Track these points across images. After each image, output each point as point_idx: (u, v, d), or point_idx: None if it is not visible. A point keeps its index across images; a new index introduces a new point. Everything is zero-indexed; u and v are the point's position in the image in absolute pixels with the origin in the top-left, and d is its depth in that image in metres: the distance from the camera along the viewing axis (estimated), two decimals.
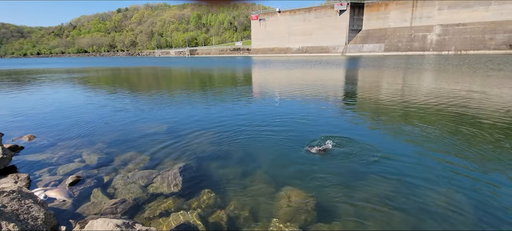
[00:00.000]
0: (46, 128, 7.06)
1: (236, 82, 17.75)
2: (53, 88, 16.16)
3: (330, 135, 5.90)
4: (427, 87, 13.02)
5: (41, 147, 5.65)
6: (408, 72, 21.00)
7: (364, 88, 13.83)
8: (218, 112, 8.60)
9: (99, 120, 7.86)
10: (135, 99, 11.71)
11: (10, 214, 2.62)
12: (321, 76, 20.28)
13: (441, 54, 60.78)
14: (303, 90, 13.04)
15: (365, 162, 4.51)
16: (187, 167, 4.46)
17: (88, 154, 5.14)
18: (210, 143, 5.65)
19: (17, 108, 9.91)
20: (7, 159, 4.72)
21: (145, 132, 6.49)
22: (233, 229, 2.98)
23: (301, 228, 2.92)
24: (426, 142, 5.43)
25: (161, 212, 3.27)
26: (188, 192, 3.71)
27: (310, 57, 63.59)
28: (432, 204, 3.31)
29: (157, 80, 21.06)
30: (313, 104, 9.52)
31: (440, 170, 4.20)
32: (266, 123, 7.10)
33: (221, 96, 12.08)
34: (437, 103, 9.17)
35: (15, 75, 26.63)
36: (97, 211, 3.31)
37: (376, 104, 9.46)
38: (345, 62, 38.13)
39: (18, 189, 3.01)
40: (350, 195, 3.53)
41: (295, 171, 4.25)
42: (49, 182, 4.09)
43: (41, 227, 2.67)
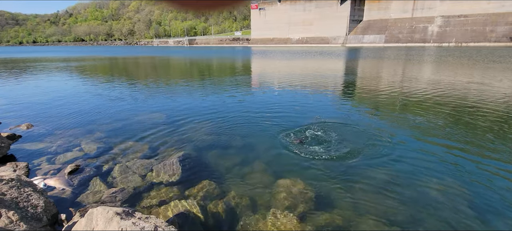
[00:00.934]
0: (44, 117, 7.02)
1: (235, 72, 17.64)
2: (51, 77, 16.00)
3: (327, 125, 5.90)
4: (427, 78, 12.99)
5: (39, 136, 5.62)
6: (408, 64, 20.92)
7: (364, 78, 13.78)
8: (216, 102, 8.57)
9: (97, 109, 7.81)
10: (134, 88, 11.63)
11: (10, 202, 2.62)
12: (321, 67, 20.17)
13: (441, 46, 60.46)
14: (302, 81, 12.98)
15: (363, 152, 4.53)
16: (186, 157, 4.46)
17: (87, 143, 5.13)
18: (209, 132, 5.65)
19: (14, 97, 9.83)
20: (5, 147, 4.70)
21: (144, 122, 6.46)
22: (232, 218, 3.01)
23: (299, 217, 2.95)
24: (424, 132, 5.45)
25: (161, 201, 3.28)
26: (187, 181, 3.72)
27: (310, 48, 63.08)
28: (429, 193, 3.34)
29: (155, 70, 20.88)
30: (312, 95, 9.49)
31: (439, 159, 4.23)
32: (265, 113, 7.09)
33: (220, 86, 12.01)
34: (436, 94, 9.16)
35: (12, 64, 26.31)
36: (96, 200, 3.32)
37: (375, 94, 9.44)
38: (345, 53, 37.88)
39: (17, 178, 3.01)
40: (347, 184, 3.55)
41: (293, 161, 4.27)
42: (48, 170, 4.09)
43: (41, 215, 2.67)
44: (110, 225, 1.84)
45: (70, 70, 19.93)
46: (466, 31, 60.34)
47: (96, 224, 1.94)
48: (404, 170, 3.94)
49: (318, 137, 5.23)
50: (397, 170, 3.93)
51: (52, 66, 23.55)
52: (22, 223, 2.41)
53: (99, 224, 1.91)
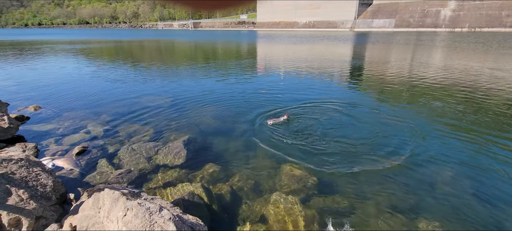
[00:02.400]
0: (51, 99, 7.10)
1: (240, 56, 17.42)
2: (57, 59, 16.06)
3: (332, 112, 5.84)
4: (437, 65, 12.63)
5: (47, 117, 5.70)
6: (419, 49, 20.32)
7: (371, 63, 13.46)
8: (221, 86, 8.52)
9: (103, 92, 7.85)
10: (139, 72, 11.61)
11: (20, 181, 2.69)
12: (327, 52, 19.76)
13: (453, 31, 58.38)
14: (307, 66, 12.76)
15: (368, 138, 4.48)
16: (191, 140, 4.48)
17: (93, 126, 5.19)
18: (214, 117, 5.64)
19: (22, 79, 9.93)
20: (14, 128, 4.79)
21: (149, 105, 6.48)
22: (236, 200, 3.04)
23: (302, 200, 2.97)
24: (431, 118, 5.35)
25: (166, 183, 3.33)
26: (192, 165, 3.76)
27: (317, 33, 61.65)
28: (434, 181, 3.31)
29: (160, 53, 20.76)
30: (318, 80, 9.34)
31: (446, 147, 4.16)
32: (269, 98, 7.03)
33: (225, 70, 11.91)
34: (446, 80, 8.92)
35: (19, 46, 26.45)
36: (103, 181, 3.38)
37: (382, 80, 9.25)
38: (353, 38, 36.94)
39: (26, 158, 3.06)
40: (351, 170, 3.54)
41: (298, 146, 4.25)
42: (56, 151, 4.17)
43: (50, 194, 2.74)
44: (117, 205, 1.87)
45: (76, 52, 19.96)
46: (480, 16, 57.93)
47: (103, 203, 1.97)
48: (409, 157, 3.89)
49: (323, 123, 5.19)
50: (402, 157, 3.89)
51: (58, 48, 23.61)
52: (32, 201, 2.48)
53: (105, 203, 1.94)
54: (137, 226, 1.75)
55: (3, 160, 2.83)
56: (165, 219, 1.81)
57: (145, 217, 1.78)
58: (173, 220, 1.83)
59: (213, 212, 2.86)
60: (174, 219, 1.84)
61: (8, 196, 2.47)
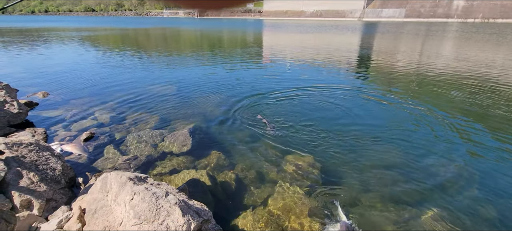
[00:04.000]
0: (59, 86, 7.19)
1: (247, 45, 17.26)
2: (64, 46, 16.17)
3: (338, 103, 5.78)
4: (448, 56, 12.31)
5: (55, 104, 5.79)
6: (429, 40, 19.80)
7: (379, 53, 13.20)
8: (227, 76, 8.49)
9: (109, 79, 7.91)
10: (145, 60, 11.63)
11: (30, 164, 2.76)
12: (334, 42, 19.41)
13: (466, 22, 56.57)
14: (314, 56, 12.59)
15: (373, 130, 4.44)
16: (196, 129, 4.51)
17: (100, 113, 5.25)
18: (219, 105, 5.65)
19: (30, 66, 10.06)
20: (24, 114, 4.88)
21: (155, 93, 6.52)
22: (240, 188, 3.07)
23: (305, 190, 2.98)
24: (439, 111, 5.26)
25: (172, 169, 3.38)
26: (197, 152, 3.79)
27: (325, 22, 60.46)
28: (439, 174, 3.28)
29: (166, 42, 20.71)
30: (324, 71, 9.23)
31: (452, 140, 4.10)
32: (274, 88, 6.98)
33: (231, 59, 11.83)
34: (456, 72, 8.71)
35: (27, 33, 26.66)
36: (111, 166, 3.45)
37: (389, 71, 9.08)
38: (361, 28, 36.15)
39: (36, 142, 3.13)
40: (356, 161, 3.53)
41: (303, 136, 4.24)
42: (64, 137, 4.25)
43: (59, 177, 2.81)
44: (124, 189, 1.91)
45: (82, 40, 20.04)
46: (495, 6, 55.86)
47: (111, 187, 2.01)
48: (416, 149, 3.85)
49: (329, 114, 5.15)
50: (408, 148, 3.85)
51: (65, 35, 23.73)
52: (43, 184, 2.55)
53: (113, 187, 1.98)
54: (144, 210, 1.78)
55: (14, 144, 2.89)
56: (171, 203, 1.84)
57: (152, 201, 1.81)
58: (178, 205, 1.86)
59: (217, 198, 2.90)
60: (180, 204, 1.87)
61: (19, 178, 2.54)
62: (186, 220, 1.81)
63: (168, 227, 1.77)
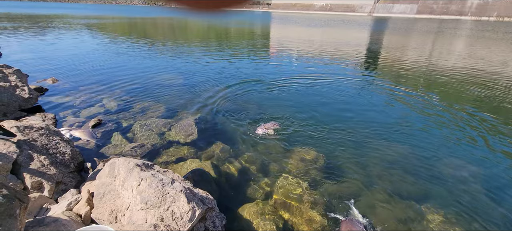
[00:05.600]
0: (67, 72, 7.30)
1: (254, 38, 17.15)
2: (72, 33, 16.32)
3: (343, 100, 5.74)
4: (458, 54, 12.04)
5: (64, 90, 5.89)
6: (441, 38, 19.36)
7: (389, 50, 12.98)
8: (233, 67, 8.48)
9: (116, 67, 7.98)
10: (151, 49, 11.68)
11: (41, 148, 2.83)
12: (343, 38, 19.13)
13: (480, 19, 54.99)
14: (321, 51, 12.45)
15: (380, 128, 4.41)
16: (202, 119, 4.55)
17: (108, 100, 5.33)
18: (224, 97, 5.67)
19: (40, 52, 10.20)
20: (34, 99, 4.99)
21: (161, 83, 6.57)
22: (244, 178, 3.11)
23: (309, 182, 3.00)
24: (447, 111, 5.18)
25: (177, 158, 3.43)
26: (202, 142, 3.84)
27: (334, 16, 59.45)
28: (445, 173, 3.26)
29: (173, 32, 20.70)
30: (331, 65, 9.13)
31: (459, 140, 4.06)
32: (281, 82, 6.96)
33: (237, 51, 11.79)
34: (466, 71, 8.52)
35: (36, 19, 26.94)
36: (118, 152, 3.52)
37: (397, 69, 8.94)
38: (371, 24, 35.46)
39: (46, 126, 3.21)
40: (360, 158, 3.52)
41: (308, 131, 4.24)
42: (73, 123, 4.33)
43: (69, 161, 2.88)
44: (131, 175, 1.95)
45: (91, 28, 20.18)
46: (510, 4, 54.05)
47: (119, 172, 2.06)
48: (421, 146, 3.82)
49: (334, 109, 5.13)
50: (414, 145, 3.83)
51: (74, 22, 23.92)
52: (53, 167, 2.62)
53: (121, 173, 2.03)
54: (150, 196, 1.83)
55: (25, 128, 2.97)
56: (176, 190, 1.88)
57: (158, 187, 1.86)
58: (184, 192, 1.90)
59: (221, 188, 2.94)
60: (185, 191, 1.91)
61: (30, 161, 2.61)
62: (191, 207, 1.85)
63: (173, 213, 1.81)
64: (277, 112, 4.93)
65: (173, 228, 1.76)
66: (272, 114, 4.87)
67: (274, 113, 4.92)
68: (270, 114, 4.87)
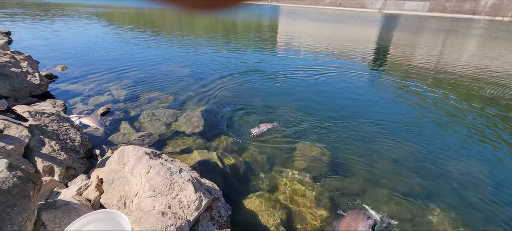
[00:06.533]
0: (76, 60, 7.38)
1: (261, 32, 17.04)
2: (81, 22, 16.44)
3: (351, 97, 5.69)
4: (470, 54, 11.77)
5: (73, 77, 5.97)
6: (453, 36, 18.93)
7: (397, 47, 12.77)
8: (240, 60, 8.45)
9: (124, 57, 8.04)
10: (159, 39, 11.70)
11: (51, 133, 2.89)
12: (351, 34, 18.86)
13: (493, 19, 53.48)
14: (329, 46, 12.31)
15: (386, 126, 4.37)
16: (209, 111, 4.57)
17: (116, 89, 5.38)
18: (231, 90, 5.68)
19: (49, 39, 10.32)
20: (44, 85, 5.07)
21: (169, 73, 6.60)
22: (249, 172, 3.13)
23: (313, 178, 3.01)
24: (455, 111, 5.10)
25: (184, 149, 3.47)
26: (208, 134, 3.86)
27: (343, 12, 58.53)
28: (452, 174, 3.22)
29: (180, 23, 20.68)
30: (339, 61, 9.03)
31: (467, 141, 4.00)
32: (288, 76, 6.93)
33: (245, 45, 11.74)
34: (477, 72, 8.34)
35: (45, 7, 27.17)
36: (126, 141, 3.57)
37: (405, 66, 8.80)
38: (381, 20, 34.83)
39: (57, 113, 3.27)
40: (366, 155, 3.51)
41: (314, 126, 4.23)
42: (82, 110, 4.40)
43: (78, 148, 2.94)
44: (140, 162, 1.99)
45: (99, 16, 20.28)
46: None
47: (128, 160, 2.10)
48: (429, 144, 3.78)
49: (340, 105, 5.09)
50: (423, 145, 3.79)
51: (82, 10, 24.06)
52: (63, 153, 2.67)
53: (130, 160, 2.07)
54: (158, 184, 1.86)
55: (37, 113, 3.03)
56: (184, 179, 1.91)
57: (166, 176, 1.89)
58: (191, 181, 1.92)
59: (226, 180, 2.97)
60: (193, 181, 1.94)
61: (42, 146, 2.67)
62: (198, 197, 1.88)
63: (181, 201, 1.84)
64: (283, 106, 4.92)
65: (180, 216, 1.79)
66: (278, 108, 4.86)
67: (280, 107, 4.91)
68: (276, 108, 4.86)
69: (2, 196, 1.39)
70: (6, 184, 1.40)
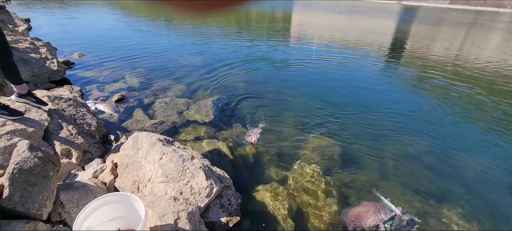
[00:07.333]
0: (92, 48, 7.54)
1: (274, 22, 16.80)
2: (97, 10, 16.71)
3: (363, 91, 5.55)
4: (493, 48, 11.19)
5: (89, 65, 6.11)
6: (473, 31, 18.02)
7: (414, 40, 12.29)
8: (252, 51, 8.39)
9: (139, 45, 8.15)
10: (171, 29, 11.76)
11: (69, 117, 2.99)
12: (368, 27, 18.29)
13: None
14: (343, 38, 12.00)
15: (400, 121, 4.25)
16: (220, 101, 4.59)
17: (130, 77, 5.48)
18: (243, 80, 5.66)
19: (66, 27, 10.57)
20: (62, 72, 5.22)
21: (181, 62, 6.65)
22: (259, 162, 3.14)
23: (324, 171, 2.98)
24: (471, 108, 4.89)
25: (195, 137, 3.51)
26: (219, 124, 3.89)
27: (359, 3, 56.69)
28: (465, 171, 3.12)
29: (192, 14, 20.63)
30: (354, 53, 8.80)
31: (484, 137, 3.84)
32: (300, 67, 6.83)
33: (258, 35, 11.63)
34: (499, 69, 7.93)
35: None
36: (139, 128, 3.64)
37: (422, 60, 8.47)
38: (399, 13, 33.53)
39: (74, 98, 3.36)
40: (378, 150, 3.44)
41: (326, 119, 4.17)
42: (98, 97, 4.51)
43: (94, 132, 3.03)
44: (154, 148, 2.02)
45: (114, 5, 20.55)
46: None
47: (141, 145, 2.14)
48: (445, 143, 3.66)
49: (352, 98, 4.99)
50: (436, 142, 3.67)
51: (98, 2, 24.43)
52: (80, 137, 2.76)
53: (144, 146, 2.11)
54: (171, 170, 1.89)
55: (55, 98, 3.13)
56: (196, 166, 1.93)
57: (179, 162, 1.91)
58: (203, 169, 1.94)
59: (237, 169, 2.99)
60: (204, 168, 1.96)
61: (60, 129, 2.77)
62: (209, 184, 1.90)
63: (192, 188, 1.87)
64: (294, 97, 4.87)
65: (191, 202, 1.82)
66: (289, 98, 4.82)
67: (292, 97, 4.86)
68: (287, 98, 4.82)
69: (24, 175, 1.45)
70: (27, 164, 1.46)
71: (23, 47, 5.06)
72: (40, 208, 1.47)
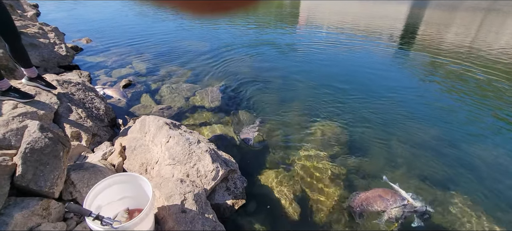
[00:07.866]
0: (100, 34, 7.56)
1: (282, 7, 16.42)
2: None
3: (373, 78, 5.43)
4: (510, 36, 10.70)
5: (97, 50, 6.14)
6: (490, 17, 17.22)
7: (427, 26, 11.85)
8: (259, 36, 8.27)
9: (145, 31, 8.12)
10: (177, 15, 11.64)
11: (78, 101, 3.03)
12: (378, 12, 17.69)
13: None
14: (352, 25, 11.67)
15: (409, 109, 4.17)
16: (227, 86, 4.58)
17: (137, 63, 5.50)
18: (250, 67, 5.61)
19: (73, 13, 10.59)
20: (70, 57, 5.27)
21: (188, 49, 6.61)
22: (265, 147, 3.14)
23: (330, 156, 2.97)
24: (483, 96, 4.73)
25: (202, 122, 3.53)
26: (226, 109, 3.89)
27: None
28: (475, 161, 3.05)
29: None
30: (360, 39, 8.57)
31: (494, 127, 3.74)
32: (308, 54, 6.70)
33: (265, 21, 11.41)
34: None
35: None
36: (147, 112, 3.68)
37: (434, 48, 8.18)
38: None
39: (83, 83, 3.40)
40: (385, 137, 3.39)
41: (334, 106, 4.12)
42: (106, 82, 4.56)
43: (103, 116, 3.08)
44: (161, 132, 2.04)
45: None
46: None
47: (149, 129, 2.16)
48: (456, 133, 3.58)
49: (360, 86, 4.89)
50: (446, 131, 3.59)
51: None
52: (89, 120, 2.81)
53: (151, 129, 2.13)
54: (177, 153, 1.91)
55: (64, 82, 3.17)
56: (202, 150, 1.95)
57: (185, 146, 1.93)
58: (209, 153, 1.96)
59: (243, 154, 3.01)
60: (210, 152, 1.97)
61: (69, 112, 2.82)
62: (215, 167, 1.92)
63: (198, 170, 1.89)
64: (302, 83, 4.81)
65: (197, 184, 1.85)
66: (296, 84, 4.77)
67: (299, 83, 4.80)
68: (295, 84, 4.77)
69: (35, 155, 1.49)
70: (38, 143, 1.50)
71: (32, 32, 5.10)
72: (51, 186, 1.51)
